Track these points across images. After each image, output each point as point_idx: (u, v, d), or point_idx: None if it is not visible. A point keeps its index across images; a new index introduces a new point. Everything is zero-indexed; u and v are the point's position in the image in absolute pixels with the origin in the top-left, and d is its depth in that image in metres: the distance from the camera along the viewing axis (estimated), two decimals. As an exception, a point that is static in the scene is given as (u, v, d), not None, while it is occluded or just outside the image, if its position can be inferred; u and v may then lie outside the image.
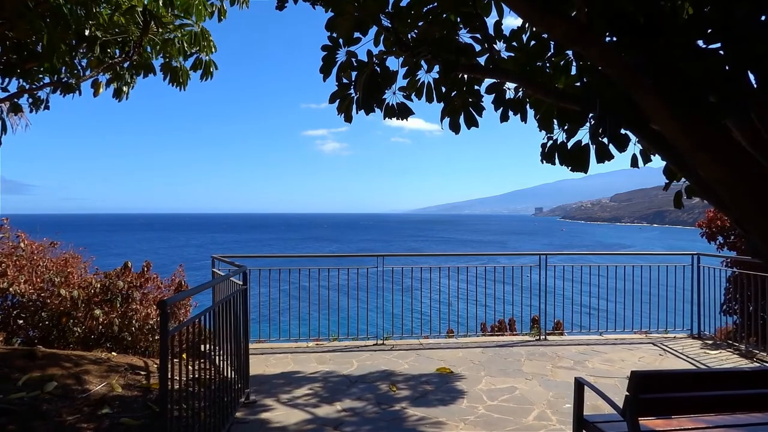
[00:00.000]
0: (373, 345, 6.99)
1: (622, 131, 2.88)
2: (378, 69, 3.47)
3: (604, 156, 2.96)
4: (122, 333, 7.77)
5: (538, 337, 7.41)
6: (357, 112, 3.85)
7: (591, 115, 2.62)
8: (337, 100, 3.77)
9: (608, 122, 2.20)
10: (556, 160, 3.04)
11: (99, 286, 7.81)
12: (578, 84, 3.10)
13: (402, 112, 3.96)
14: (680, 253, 7.95)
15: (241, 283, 4.87)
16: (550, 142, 3.08)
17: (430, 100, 4.08)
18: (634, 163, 3.65)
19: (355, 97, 3.82)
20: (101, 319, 7.61)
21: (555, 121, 3.88)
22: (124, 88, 6.56)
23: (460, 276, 7.87)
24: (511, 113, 3.56)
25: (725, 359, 6.28)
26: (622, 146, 2.82)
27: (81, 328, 7.61)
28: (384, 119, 3.92)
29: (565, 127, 3.03)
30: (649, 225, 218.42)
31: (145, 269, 8.34)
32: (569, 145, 3.02)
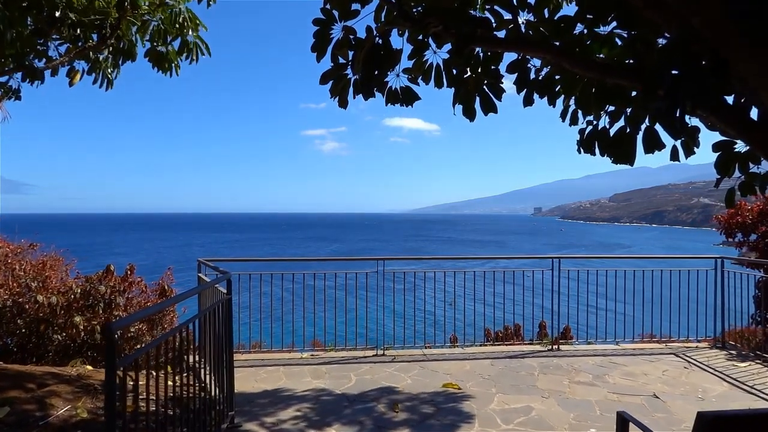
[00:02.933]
0: (373, 356, 6.46)
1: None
2: (380, 42, 2.93)
3: (654, 145, 2.44)
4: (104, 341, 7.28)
5: (550, 347, 6.89)
6: (354, 97, 3.33)
7: (643, 94, 2.09)
8: (331, 82, 3.24)
9: (682, 101, 1.67)
10: (597, 150, 2.51)
11: (79, 291, 7.31)
12: (622, 58, 2.56)
13: (406, 97, 3.43)
14: (703, 257, 7.43)
15: (225, 291, 4.34)
16: (590, 128, 2.55)
17: (439, 84, 3.54)
18: (674, 156, 3.12)
19: (353, 79, 3.30)
20: (81, 327, 7.13)
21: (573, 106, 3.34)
22: (109, 76, 6.02)
23: (467, 279, 7.36)
24: (536, 97, 3.02)
25: (756, 373, 5.76)
26: (678, 133, 2.30)
27: (61, 335, 7.13)
28: (386, 104, 3.39)
29: (608, 110, 2.49)
30: (648, 225, 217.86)
31: (129, 273, 7.83)
32: (612, 131, 2.49)
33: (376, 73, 3.03)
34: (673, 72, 1.85)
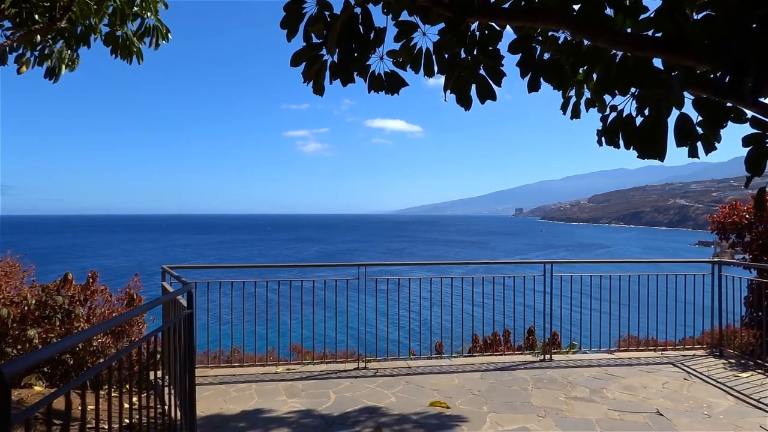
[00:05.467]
0: (354, 369, 5.99)
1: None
2: (359, 12, 2.47)
3: (688, 135, 2.04)
4: (63, 355, 6.71)
5: (542, 357, 6.51)
6: (331, 82, 2.87)
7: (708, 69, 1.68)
8: (304, 64, 2.77)
9: (756, 77, 1.26)
10: (621, 141, 2.10)
11: (34, 301, 6.72)
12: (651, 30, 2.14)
13: (392, 83, 2.97)
14: (698, 261, 7.14)
15: (185, 304, 3.83)
16: (614, 114, 2.13)
17: (429, 71, 3.10)
18: (693, 153, 2.73)
19: (329, 61, 2.83)
20: (37, 341, 6.55)
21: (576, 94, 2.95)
22: (62, 65, 5.44)
23: (454, 282, 6.98)
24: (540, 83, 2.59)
25: (760, 384, 5.44)
26: (724, 120, 1.89)
27: (16, 349, 6.56)
28: (369, 92, 2.93)
29: (634, 93, 2.07)
30: (626, 225, 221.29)
31: (91, 281, 7.23)
32: (638, 119, 2.07)
33: (354, 52, 2.57)
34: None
